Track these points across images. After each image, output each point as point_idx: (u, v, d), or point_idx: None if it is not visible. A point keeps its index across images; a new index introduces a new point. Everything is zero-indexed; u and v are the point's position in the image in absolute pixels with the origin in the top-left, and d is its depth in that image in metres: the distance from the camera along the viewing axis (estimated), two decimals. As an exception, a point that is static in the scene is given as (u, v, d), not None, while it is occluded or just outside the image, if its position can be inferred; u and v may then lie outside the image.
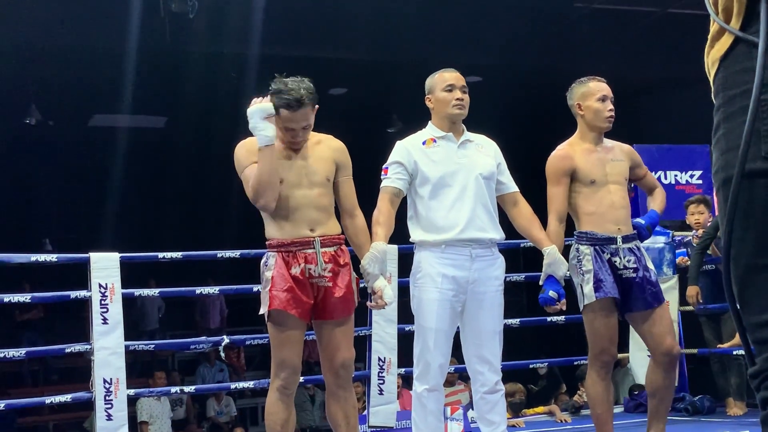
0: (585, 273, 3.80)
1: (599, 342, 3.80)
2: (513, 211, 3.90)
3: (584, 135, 3.93)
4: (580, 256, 3.83)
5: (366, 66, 9.28)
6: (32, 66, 8.57)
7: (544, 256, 3.77)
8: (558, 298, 3.72)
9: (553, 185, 3.87)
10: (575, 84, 3.98)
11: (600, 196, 3.84)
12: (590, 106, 3.88)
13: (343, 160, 3.56)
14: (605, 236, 3.82)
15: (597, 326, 3.80)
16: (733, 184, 1.22)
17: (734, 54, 1.31)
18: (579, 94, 3.92)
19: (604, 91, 3.90)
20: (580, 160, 3.86)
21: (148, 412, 8.34)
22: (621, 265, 3.80)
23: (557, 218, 3.85)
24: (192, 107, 9.87)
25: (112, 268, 5.12)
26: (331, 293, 3.40)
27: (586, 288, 3.78)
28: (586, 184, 3.85)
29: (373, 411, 5.62)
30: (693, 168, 7.19)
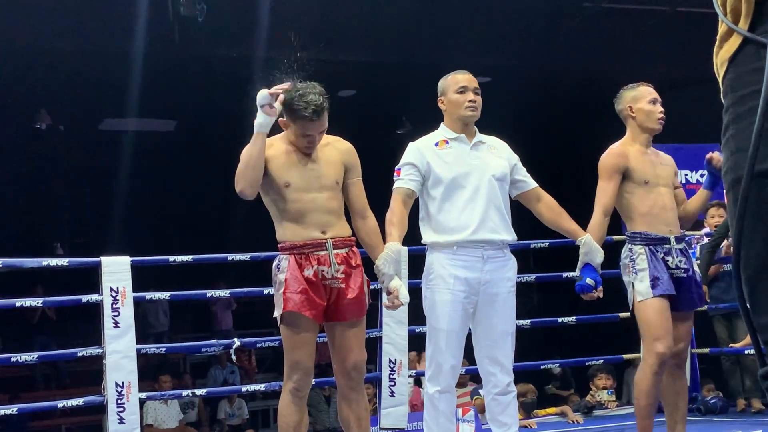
0: (639, 271, 3.83)
1: (655, 332, 3.78)
2: (538, 206, 3.90)
3: (636, 137, 3.98)
4: (634, 255, 3.86)
5: (375, 68, 9.29)
6: (42, 70, 8.60)
7: (580, 245, 3.78)
8: (595, 286, 3.73)
9: (604, 180, 3.89)
10: (624, 89, 4.03)
11: (653, 198, 3.89)
12: (642, 108, 3.94)
13: (352, 162, 3.56)
14: (659, 236, 3.86)
15: (653, 318, 3.79)
16: (743, 185, 1.22)
17: (743, 55, 1.31)
18: (629, 98, 3.97)
19: (654, 94, 3.97)
20: (634, 160, 3.90)
21: (153, 415, 8.35)
22: (674, 265, 3.85)
23: (603, 212, 3.88)
24: (201, 110, 9.90)
25: (123, 271, 5.13)
26: (344, 294, 3.40)
27: (641, 285, 3.81)
28: (639, 184, 3.89)
29: (384, 413, 5.62)
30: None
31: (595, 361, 6.73)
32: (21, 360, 5.24)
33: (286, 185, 3.41)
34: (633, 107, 3.95)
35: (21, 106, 9.25)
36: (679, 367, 3.92)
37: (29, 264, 5.36)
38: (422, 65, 7.92)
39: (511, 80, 9.70)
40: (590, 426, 5.93)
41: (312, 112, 3.33)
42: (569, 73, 9.77)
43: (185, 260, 5.52)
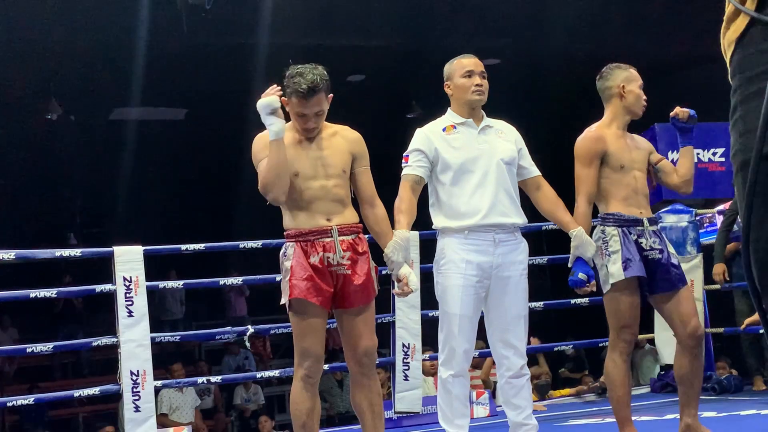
0: (612, 253, 3.78)
1: (622, 319, 3.77)
2: (537, 195, 3.89)
3: (617, 119, 3.91)
4: (606, 237, 3.81)
5: (384, 52, 9.26)
6: (51, 61, 8.61)
7: (572, 239, 3.76)
8: (588, 280, 3.71)
9: (584, 167, 3.83)
10: (614, 67, 3.94)
11: (627, 182, 3.84)
12: (633, 91, 3.88)
13: (360, 151, 3.55)
14: (632, 218, 3.81)
15: (622, 304, 3.77)
16: (752, 167, 1.21)
17: (750, 35, 1.30)
18: (623, 77, 3.89)
19: (641, 80, 3.92)
20: (611, 145, 3.84)
21: (168, 403, 8.38)
22: (647, 246, 3.79)
23: (586, 200, 3.82)
24: (211, 99, 9.90)
25: (136, 261, 5.16)
26: (351, 281, 3.40)
27: (614, 267, 3.76)
28: (615, 168, 3.83)
29: (399, 397, 5.64)
30: (715, 146, 7.13)
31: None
32: (37, 350, 5.28)
33: (295, 175, 3.41)
34: (626, 87, 3.88)
35: (32, 97, 9.28)
36: (697, 346, 3.83)
37: (42, 255, 5.39)
38: (432, 49, 7.88)
39: (521, 62, 9.66)
40: (606, 407, 5.92)
41: (306, 89, 3.33)
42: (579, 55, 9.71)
43: (197, 248, 5.54)
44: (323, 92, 3.39)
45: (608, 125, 3.90)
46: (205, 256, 6.11)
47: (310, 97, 3.35)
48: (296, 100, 3.37)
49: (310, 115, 3.40)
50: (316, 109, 3.39)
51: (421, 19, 8.65)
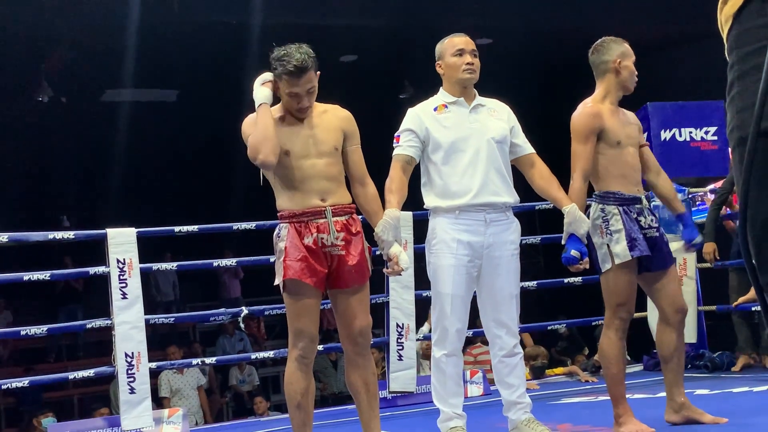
0: (614, 232, 3.74)
1: (620, 297, 3.76)
2: (530, 173, 3.88)
3: (610, 94, 3.85)
4: (607, 216, 3.76)
5: (376, 32, 9.22)
6: (42, 43, 8.56)
7: (565, 215, 3.71)
8: (581, 257, 3.68)
9: (580, 143, 3.76)
10: (609, 41, 3.86)
11: (624, 158, 3.80)
12: (628, 67, 3.83)
13: (351, 129, 3.54)
14: (632, 196, 3.79)
15: (621, 282, 3.75)
16: (749, 144, 1.21)
17: (748, 11, 1.29)
18: (619, 52, 3.82)
19: (634, 56, 3.87)
20: (608, 120, 3.79)
21: (167, 386, 8.38)
22: (646, 225, 3.78)
23: (582, 177, 3.75)
24: (203, 79, 9.85)
25: (129, 243, 5.15)
26: (345, 262, 3.40)
27: (617, 247, 3.72)
28: (612, 145, 3.78)
29: (393, 377, 5.66)
30: (708, 124, 7.12)
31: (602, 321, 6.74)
32: (31, 333, 5.27)
33: (285, 153, 3.39)
34: (621, 63, 3.82)
35: (22, 79, 9.22)
36: (682, 322, 3.87)
37: (36, 237, 5.37)
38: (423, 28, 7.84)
39: (513, 41, 9.63)
40: (600, 385, 5.95)
41: (294, 67, 3.33)
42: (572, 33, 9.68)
43: (191, 230, 5.53)
44: (312, 70, 3.37)
45: (601, 100, 3.85)
46: (199, 237, 6.11)
47: (300, 75, 3.34)
48: (287, 79, 3.36)
49: (303, 94, 3.38)
50: (307, 86, 3.38)
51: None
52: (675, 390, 3.87)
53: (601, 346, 3.89)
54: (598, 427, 4.12)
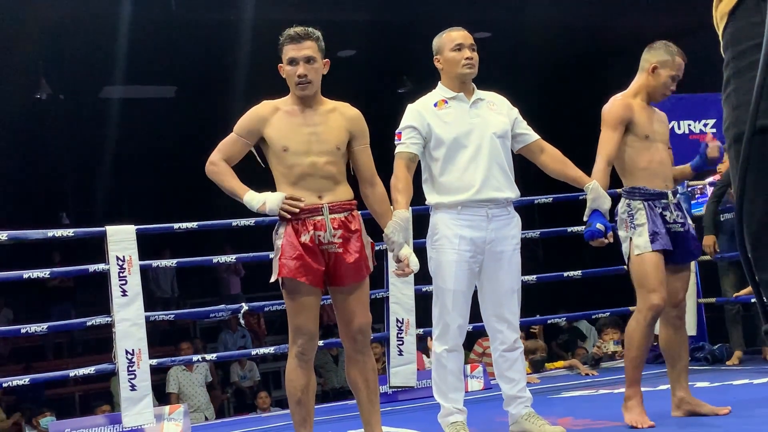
0: (638, 226, 3.82)
1: (651, 284, 3.78)
2: (542, 158, 3.88)
3: (641, 92, 3.93)
4: (632, 210, 3.85)
5: (374, 26, 9.20)
6: (40, 40, 8.54)
7: (588, 192, 3.72)
8: (605, 231, 3.70)
9: (609, 129, 3.83)
10: (662, 45, 3.92)
11: (652, 152, 3.87)
12: (662, 75, 3.89)
13: (359, 129, 3.51)
14: (657, 192, 3.85)
15: (649, 270, 3.79)
16: (745, 141, 1.21)
17: (743, 8, 1.29)
18: (661, 59, 3.89)
19: (680, 72, 3.90)
20: (637, 114, 3.87)
21: (176, 382, 8.40)
22: (671, 220, 3.85)
23: (606, 160, 3.82)
24: (201, 75, 9.84)
25: (129, 240, 5.15)
26: (343, 259, 3.39)
27: (639, 240, 3.80)
28: (640, 138, 3.85)
29: (393, 371, 5.66)
30: (706, 117, 7.13)
31: (602, 314, 6.76)
32: (31, 331, 5.27)
33: (284, 149, 3.39)
34: (657, 69, 3.88)
35: (21, 76, 9.21)
36: (680, 318, 3.95)
37: (35, 235, 5.37)
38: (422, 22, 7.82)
39: (513, 35, 9.62)
40: (600, 378, 5.96)
41: (294, 32, 3.39)
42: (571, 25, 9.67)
43: (190, 227, 5.53)
44: (315, 43, 3.41)
45: (633, 96, 3.94)
46: (199, 234, 6.11)
47: (300, 40, 3.38)
48: (286, 46, 3.40)
49: (300, 59, 3.38)
50: (305, 52, 3.38)
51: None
52: (674, 385, 3.94)
53: (627, 328, 3.93)
54: (598, 420, 4.13)
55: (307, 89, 3.40)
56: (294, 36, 3.40)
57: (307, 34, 3.41)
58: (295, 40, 3.39)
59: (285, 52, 3.41)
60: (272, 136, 3.41)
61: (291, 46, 3.40)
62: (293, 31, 3.41)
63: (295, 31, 3.41)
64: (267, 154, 3.48)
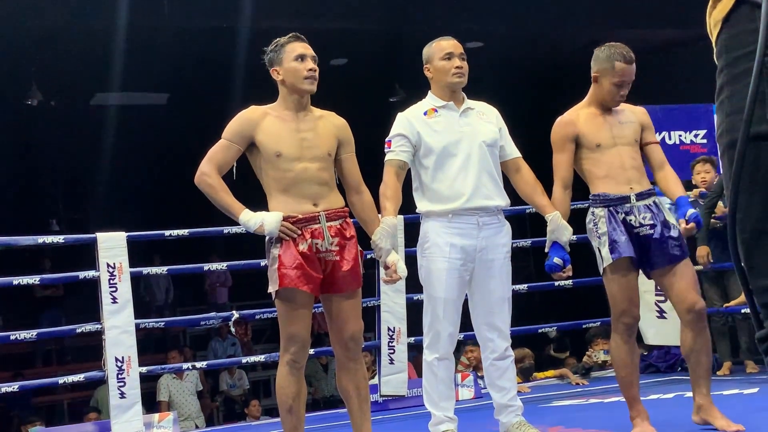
0: (601, 236, 3.78)
1: (619, 303, 3.78)
2: (515, 178, 3.90)
3: (595, 100, 3.88)
4: (596, 219, 3.81)
5: (367, 35, 9.22)
6: (32, 46, 8.53)
7: (548, 223, 3.76)
8: (563, 265, 3.71)
9: (557, 152, 3.85)
10: (603, 50, 3.81)
11: (608, 159, 3.80)
12: (604, 85, 3.80)
13: (346, 137, 3.55)
14: (618, 196, 3.78)
15: (615, 287, 3.77)
16: (738, 148, 1.21)
17: (737, 15, 1.29)
18: (600, 67, 3.80)
19: (625, 76, 3.78)
20: (584, 126, 3.82)
21: (166, 390, 8.36)
22: (637, 223, 3.76)
23: (562, 185, 3.83)
24: (193, 83, 9.83)
25: (119, 247, 5.13)
26: (339, 267, 3.40)
27: (603, 250, 3.76)
28: (591, 148, 3.81)
29: (384, 380, 5.65)
30: (697, 127, 7.15)
31: (593, 324, 6.76)
32: (21, 338, 5.25)
33: (277, 155, 3.39)
34: (598, 78, 3.80)
35: (12, 83, 9.19)
36: (699, 321, 3.76)
37: (25, 242, 5.35)
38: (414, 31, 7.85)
39: (504, 45, 9.65)
40: (590, 387, 5.96)
41: (295, 35, 3.46)
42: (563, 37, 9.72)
43: (181, 234, 5.52)
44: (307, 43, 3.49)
45: (587, 105, 3.90)
46: (189, 241, 6.09)
47: (303, 40, 3.46)
48: (294, 44, 3.43)
49: (308, 55, 3.43)
50: (312, 51, 3.45)
51: (404, 2, 8.61)
52: (695, 390, 3.82)
53: (610, 350, 3.90)
54: (589, 429, 4.12)
55: (314, 84, 3.45)
56: (297, 36, 3.46)
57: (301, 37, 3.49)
58: (300, 39, 3.46)
59: (291, 50, 3.43)
60: (264, 140, 3.41)
61: (298, 44, 3.45)
62: (292, 34, 3.47)
63: (293, 34, 3.47)
64: (256, 161, 3.47)
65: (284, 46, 3.45)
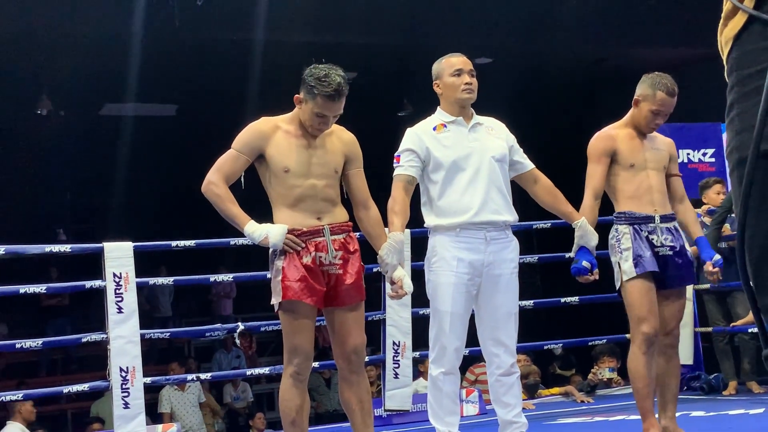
0: (624, 251, 3.87)
1: (639, 313, 3.83)
2: (535, 188, 3.90)
3: (629, 124, 4.00)
4: (619, 235, 3.91)
5: (375, 49, 9.24)
6: (42, 56, 8.57)
7: (576, 228, 3.83)
8: (591, 268, 3.77)
9: (593, 163, 3.95)
10: (647, 78, 3.93)
11: (639, 180, 3.92)
12: (642, 110, 3.93)
13: (354, 153, 3.56)
14: (643, 215, 3.89)
15: (636, 299, 3.84)
16: (748, 165, 1.21)
17: (748, 33, 1.30)
18: (643, 93, 3.92)
19: (664, 106, 3.90)
20: (621, 144, 3.94)
21: (168, 402, 8.35)
22: (659, 243, 3.87)
23: (593, 195, 3.92)
24: (202, 94, 9.86)
25: (126, 257, 5.14)
26: (342, 280, 3.40)
27: (626, 265, 3.85)
28: (625, 167, 3.93)
29: (389, 394, 5.63)
30: (706, 146, 7.15)
31: (599, 341, 6.73)
32: (26, 346, 5.25)
33: (285, 170, 3.39)
34: (639, 102, 3.93)
35: (22, 92, 9.23)
36: (671, 347, 3.95)
37: (32, 250, 5.37)
38: (423, 46, 7.87)
39: (513, 61, 9.66)
40: (596, 405, 5.94)
41: (334, 91, 3.33)
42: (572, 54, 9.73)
43: (188, 245, 5.52)
44: (344, 97, 3.39)
45: (624, 126, 4.02)
46: (196, 253, 6.10)
47: (336, 99, 3.35)
48: (321, 101, 3.34)
49: (330, 117, 3.40)
50: (336, 112, 3.41)
51: (414, 17, 8.64)
52: (661, 413, 3.95)
53: (628, 362, 3.95)
54: (593, 447, 4.10)
55: (322, 131, 3.45)
56: (332, 95, 3.33)
57: (342, 93, 3.36)
58: (331, 99, 3.34)
59: (315, 103, 3.35)
60: (273, 155, 3.41)
61: (325, 103, 3.34)
62: (332, 89, 3.32)
63: (334, 88, 3.32)
64: (264, 174, 3.48)
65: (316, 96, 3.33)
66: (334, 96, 3.33)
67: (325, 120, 3.39)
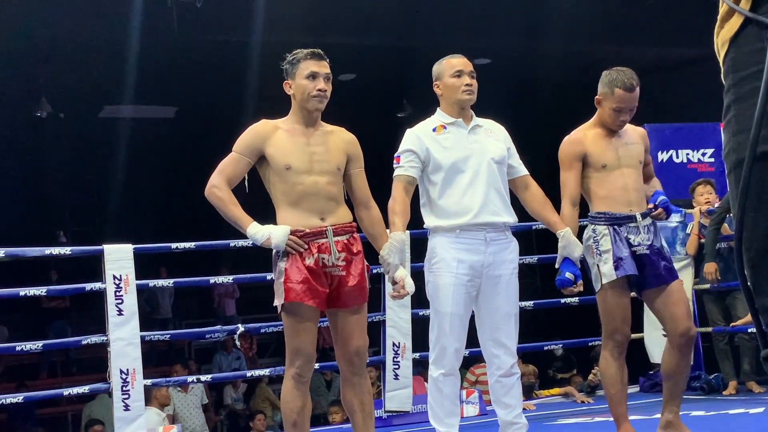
0: (603, 253, 3.82)
1: (612, 321, 3.83)
2: (524, 195, 3.91)
3: (598, 124, 3.95)
4: (597, 236, 3.84)
5: (375, 51, 9.25)
6: (42, 59, 8.58)
7: (559, 239, 3.79)
8: (575, 280, 3.74)
9: (565, 170, 3.90)
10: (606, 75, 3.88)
11: (612, 180, 3.87)
12: (605, 110, 3.87)
13: (355, 153, 3.57)
14: (622, 215, 3.84)
15: (610, 305, 3.83)
16: (745, 167, 1.22)
17: (744, 35, 1.30)
18: (603, 92, 3.87)
19: (624, 103, 3.83)
20: (591, 145, 3.88)
21: (171, 404, 8.34)
22: (636, 242, 3.82)
23: (570, 202, 3.87)
24: (201, 96, 9.87)
25: (126, 259, 5.14)
26: (345, 282, 3.40)
27: (605, 267, 3.80)
28: (597, 168, 3.87)
29: (389, 396, 5.63)
30: (705, 146, 7.16)
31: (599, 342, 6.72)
32: (26, 349, 5.25)
33: (287, 168, 3.40)
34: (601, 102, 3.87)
35: (21, 94, 9.23)
36: (687, 345, 3.84)
37: (32, 253, 5.37)
38: (423, 48, 7.87)
39: (512, 62, 9.67)
40: (596, 406, 5.94)
41: (314, 51, 3.46)
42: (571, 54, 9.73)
43: (187, 247, 5.53)
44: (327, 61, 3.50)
45: (593, 126, 3.96)
46: (196, 254, 6.10)
47: (320, 58, 3.46)
48: (306, 62, 3.44)
49: (322, 75, 3.44)
50: (326, 70, 3.47)
51: (413, 18, 8.64)
52: (667, 407, 3.91)
53: (600, 367, 3.93)
54: (593, 448, 4.11)
55: (323, 103, 3.47)
56: (315, 53, 3.46)
57: (324, 56, 3.48)
58: (316, 57, 3.46)
59: (303, 67, 3.44)
60: (274, 154, 3.43)
61: (313, 61, 3.45)
62: (312, 50, 3.47)
63: (313, 50, 3.47)
64: (266, 174, 3.49)
65: (299, 62, 3.46)
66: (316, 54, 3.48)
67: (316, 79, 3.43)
